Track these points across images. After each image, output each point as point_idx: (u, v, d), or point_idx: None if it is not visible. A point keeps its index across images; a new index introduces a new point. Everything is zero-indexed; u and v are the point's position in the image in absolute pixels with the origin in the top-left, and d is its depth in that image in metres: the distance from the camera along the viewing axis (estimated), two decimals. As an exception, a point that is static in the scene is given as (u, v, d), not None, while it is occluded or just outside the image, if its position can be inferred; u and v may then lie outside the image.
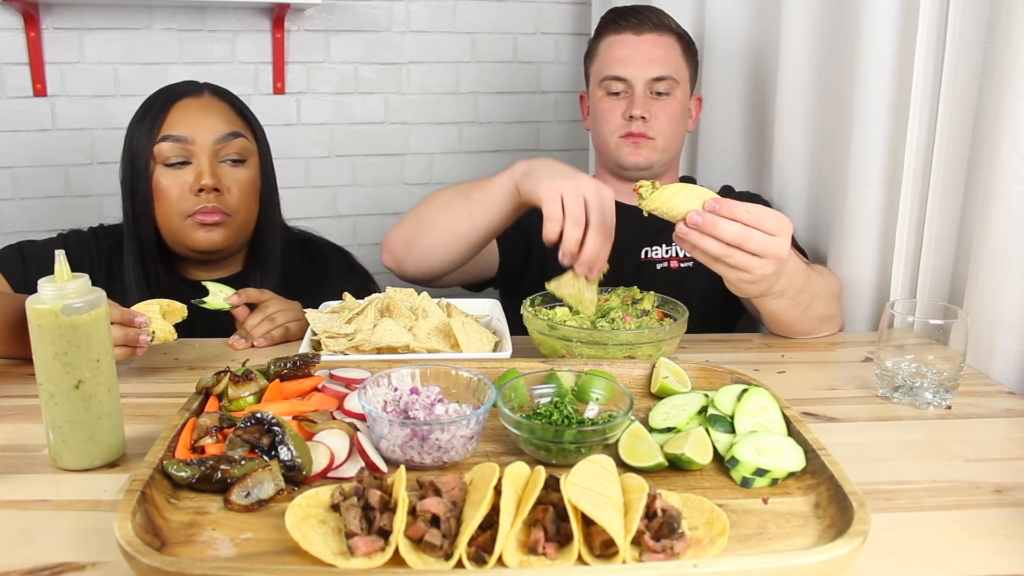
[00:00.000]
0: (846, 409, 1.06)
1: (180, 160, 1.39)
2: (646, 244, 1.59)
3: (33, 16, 2.11)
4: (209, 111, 1.43)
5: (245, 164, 1.45)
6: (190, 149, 1.39)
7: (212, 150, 1.40)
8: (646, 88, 1.55)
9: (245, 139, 1.45)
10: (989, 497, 0.84)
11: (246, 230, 1.49)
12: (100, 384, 0.86)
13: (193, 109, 1.42)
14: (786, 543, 0.73)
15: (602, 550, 0.68)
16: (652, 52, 1.55)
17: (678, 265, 1.57)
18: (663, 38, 1.57)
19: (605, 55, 1.59)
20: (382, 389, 0.92)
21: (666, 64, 1.55)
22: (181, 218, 1.40)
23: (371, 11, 2.41)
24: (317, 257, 1.64)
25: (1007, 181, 1.11)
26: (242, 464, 0.79)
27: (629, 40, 1.56)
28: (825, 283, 1.34)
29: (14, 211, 2.25)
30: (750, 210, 1.02)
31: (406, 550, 0.67)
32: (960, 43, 1.22)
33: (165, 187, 1.39)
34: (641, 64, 1.54)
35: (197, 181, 1.38)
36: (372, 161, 2.52)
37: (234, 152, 1.42)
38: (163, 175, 1.40)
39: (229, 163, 1.42)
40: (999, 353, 1.15)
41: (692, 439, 0.85)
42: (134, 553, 0.64)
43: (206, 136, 1.40)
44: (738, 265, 1.04)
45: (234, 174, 1.43)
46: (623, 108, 1.56)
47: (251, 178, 1.46)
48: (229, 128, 1.43)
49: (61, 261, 0.84)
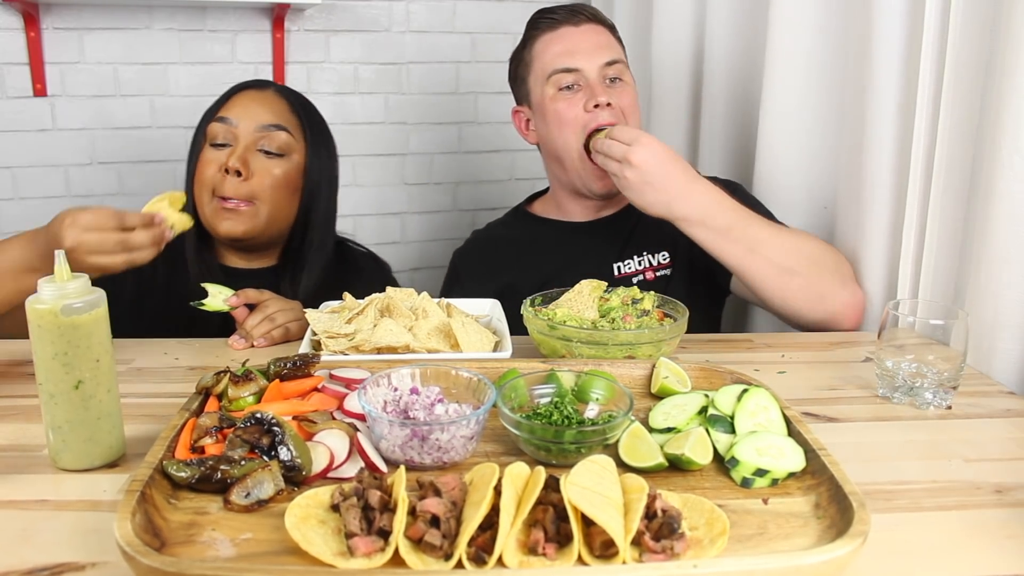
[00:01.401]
0: (846, 409, 1.06)
1: (224, 142, 1.45)
2: (615, 259, 1.54)
3: (33, 16, 2.11)
4: (263, 102, 1.48)
5: (283, 158, 1.47)
6: (234, 132, 1.45)
7: (252, 137, 1.45)
8: (600, 75, 1.47)
9: (289, 135, 1.47)
10: (989, 497, 0.84)
11: (275, 223, 1.49)
12: (100, 384, 0.86)
13: (250, 98, 1.48)
14: (786, 543, 0.72)
15: (602, 550, 0.68)
16: (596, 39, 1.50)
17: (654, 275, 1.53)
18: (599, 27, 1.52)
19: (545, 53, 1.51)
20: (382, 389, 0.92)
21: (612, 49, 1.51)
22: (209, 196, 1.45)
23: (371, 11, 2.41)
24: (349, 261, 1.64)
25: (1008, 181, 1.11)
26: (242, 464, 0.79)
27: (569, 32, 1.50)
28: (788, 238, 1.33)
29: (14, 211, 2.25)
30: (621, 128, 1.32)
31: (406, 550, 0.67)
32: (963, 43, 1.22)
33: (204, 163, 1.45)
34: (590, 50, 1.48)
35: (226, 161, 1.43)
36: (372, 161, 2.52)
37: (273, 145, 1.45)
38: (207, 153, 1.46)
39: (264, 154, 1.45)
40: (1000, 353, 1.15)
41: (692, 439, 0.85)
42: (134, 553, 0.64)
43: (249, 123, 1.45)
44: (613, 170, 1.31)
45: (267, 164, 1.45)
46: (582, 101, 1.46)
47: (286, 173, 1.47)
48: (275, 120, 1.46)
49: (61, 261, 0.84)
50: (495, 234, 1.70)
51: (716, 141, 1.90)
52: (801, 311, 1.35)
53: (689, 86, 1.99)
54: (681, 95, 2.00)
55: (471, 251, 1.69)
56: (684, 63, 1.97)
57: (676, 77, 1.99)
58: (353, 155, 2.49)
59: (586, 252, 1.54)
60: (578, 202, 1.59)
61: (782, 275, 1.32)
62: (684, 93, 1.99)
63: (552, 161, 1.57)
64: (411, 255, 2.62)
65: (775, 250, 1.31)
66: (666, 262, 1.53)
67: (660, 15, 1.99)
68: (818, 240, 1.41)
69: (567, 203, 1.60)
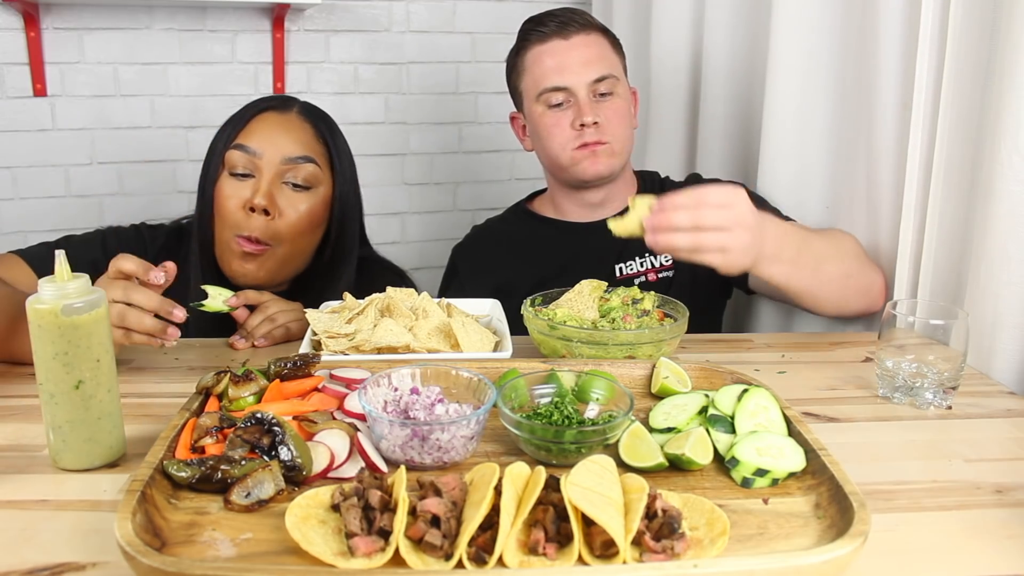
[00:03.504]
0: (846, 409, 1.06)
1: (245, 172, 1.36)
2: (616, 260, 1.54)
3: (33, 16, 2.11)
4: (288, 129, 1.39)
5: (309, 192, 1.39)
6: (256, 163, 1.36)
7: (278, 170, 1.36)
8: (589, 92, 1.47)
9: (317, 167, 1.39)
10: (990, 497, 0.84)
11: (292, 263, 1.43)
12: (100, 384, 0.86)
13: (273, 124, 1.38)
14: (786, 543, 0.72)
15: (602, 550, 0.68)
16: (586, 54, 1.47)
17: (656, 277, 1.53)
18: (591, 37, 1.49)
19: (535, 68, 1.50)
20: (382, 389, 0.92)
21: (603, 63, 1.48)
22: (230, 233, 1.37)
23: (371, 11, 2.41)
24: (370, 276, 1.55)
25: (1007, 181, 1.11)
26: (242, 464, 0.79)
27: (558, 46, 1.48)
28: (834, 241, 1.32)
29: (14, 211, 2.25)
30: (689, 194, 1.06)
31: (406, 550, 0.67)
32: (962, 42, 1.22)
33: (224, 196, 1.36)
34: (578, 68, 1.46)
35: (251, 198, 1.34)
36: (371, 161, 2.52)
37: (300, 178, 1.37)
38: (226, 183, 1.37)
39: (291, 187, 1.37)
40: (1000, 353, 1.15)
41: (692, 439, 0.85)
42: (134, 553, 0.64)
43: (275, 153, 1.36)
44: (713, 247, 1.07)
45: (293, 199, 1.37)
46: (570, 118, 1.47)
47: (312, 207, 1.39)
48: (301, 151, 1.38)
49: (61, 261, 0.84)
50: (494, 230, 1.70)
51: (715, 141, 1.89)
52: (850, 306, 1.34)
53: (688, 86, 1.98)
54: (680, 95, 2.00)
55: (469, 246, 1.69)
56: (683, 63, 1.97)
57: (675, 77, 1.99)
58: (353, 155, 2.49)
59: (587, 252, 1.54)
60: (576, 202, 1.59)
61: (843, 281, 1.31)
62: (683, 93, 1.99)
63: (546, 166, 1.60)
64: (411, 255, 2.62)
65: (832, 261, 1.29)
66: (668, 263, 1.54)
67: (659, 15, 1.99)
68: (840, 231, 1.41)
69: (565, 203, 1.61)
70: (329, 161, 1.43)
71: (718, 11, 1.82)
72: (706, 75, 1.88)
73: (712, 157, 1.90)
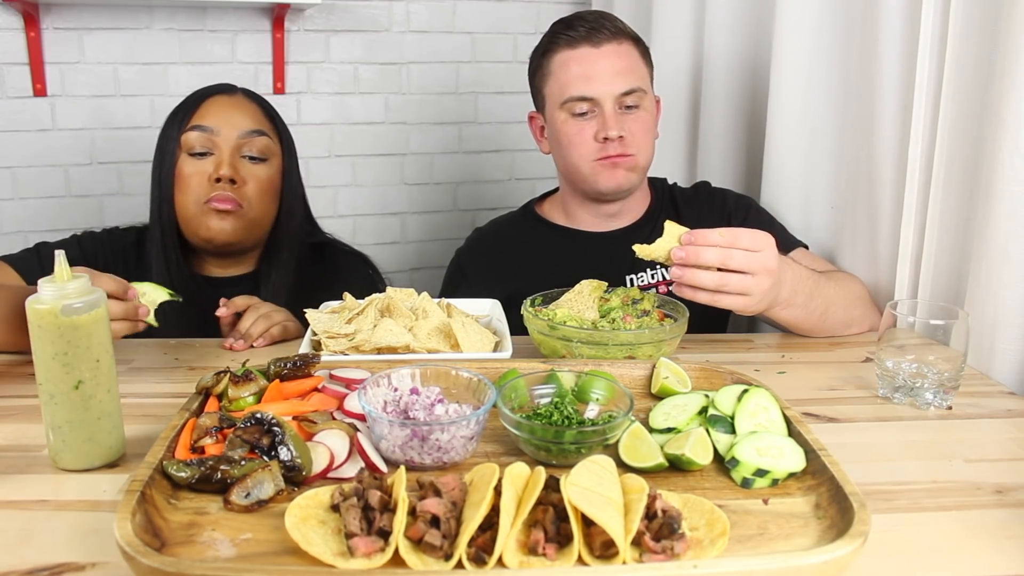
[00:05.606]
0: (847, 409, 1.06)
1: (204, 150, 1.44)
2: (627, 271, 1.52)
3: (33, 16, 2.11)
4: (238, 108, 1.49)
5: (266, 163, 1.48)
6: (214, 140, 1.44)
7: (235, 144, 1.45)
8: (615, 104, 1.42)
9: (269, 139, 1.49)
10: (990, 498, 0.84)
11: (260, 227, 1.51)
12: (100, 384, 0.86)
13: (223, 105, 1.48)
14: (786, 544, 0.72)
15: (602, 551, 0.68)
16: (616, 64, 1.42)
17: (667, 289, 1.50)
18: (623, 47, 1.44)
19: (562, 73, 1.45)
20: (382, 389, 0.92)
21: (632, 75, 1.44)
22: (198, 205, 1.44)
23: (371, 11, 2.41)
24: (329, 261, 1.64)
25: (1008, 181, 1.11)
26: (242, 464, 0.79)
27: (588, 54, 1.43)
28: (843, 289, 1.34)
29: (14, 211, 2.25)
30: (723, 233, 1.07)
31: (406, 551, 0.67)
32: (963, 42, 1.22)
33: (187, 175, 1.44)
34: (607, 79, 1.42)
35: (216, 170, 1.42)
36: (372, 161, 2.52)
37: (256, 150, 1.47)
38: (186, 163, 1.44)
39: (249, 159, 1.46)
40: (1000, 353, 1.15)
41: (692, 439, 0.85)
42: (134, 553, 0.64)
43: (231, 130, 1.45)
44: (736, 289, 1.08)
45: (253, 170, 1.47)
46: (594, 129, 1.43)
47: (270, 177, 1.49)
48: (254, 125, 1.47)
49: (61, 261, 0.84)
50: (502, 234, 1.66)
51: (716, 143, 1.89)
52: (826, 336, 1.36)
53: (689, 87, 1.98)
54: (682, 96, 2.00)
55: (477, 251, 1.65)
56: (684, 64, 1.97)
57: (675, 77, 1.98)
58: (353, 155, 2.50)
59: (598, 262, 1.51)
60: (590, 211, 1.56)
61: (845, 326, 1.34)
62: (683, 94, 1.99)
63: (563, 173, 1.56)
64: (411, 255, 2.62)
65: (839, 307, 1.31)
66: None
67: (660, 17, 1.99)
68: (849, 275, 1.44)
69: (579, 212, 1.58)
70: (278, 136, 1.53)
71: (719, 13, 1.82)
72: (707, 76, 1.88)
73: (714, 157, 1.90)
